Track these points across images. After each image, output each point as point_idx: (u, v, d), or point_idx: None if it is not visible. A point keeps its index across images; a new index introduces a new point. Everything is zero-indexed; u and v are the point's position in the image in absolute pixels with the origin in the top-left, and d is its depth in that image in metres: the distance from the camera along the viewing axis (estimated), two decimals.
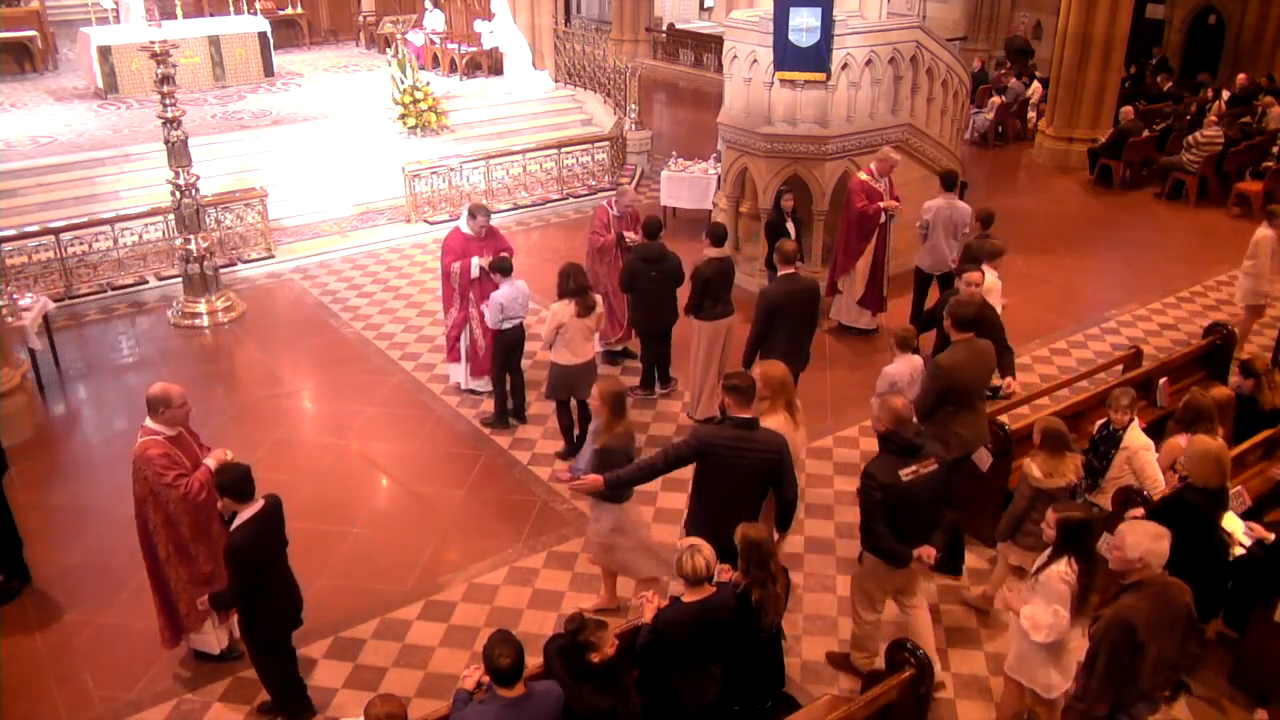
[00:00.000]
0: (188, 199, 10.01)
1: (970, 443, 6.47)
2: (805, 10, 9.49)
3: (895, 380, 6.79)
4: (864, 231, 9.49)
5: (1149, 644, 4.30)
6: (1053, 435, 5.74)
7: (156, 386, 5.47)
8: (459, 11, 17.65)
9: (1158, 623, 4.33)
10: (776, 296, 7.44)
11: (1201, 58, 19.58)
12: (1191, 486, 5.55)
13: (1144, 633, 4.27)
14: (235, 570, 5.01)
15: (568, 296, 7.42)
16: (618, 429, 5.62)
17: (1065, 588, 4.67)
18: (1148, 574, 4.36)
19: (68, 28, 19.37)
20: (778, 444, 5.35)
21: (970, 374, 6.39)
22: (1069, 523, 4.72)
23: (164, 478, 5.30)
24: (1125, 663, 4.32)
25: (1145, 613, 4.30)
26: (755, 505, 5.38)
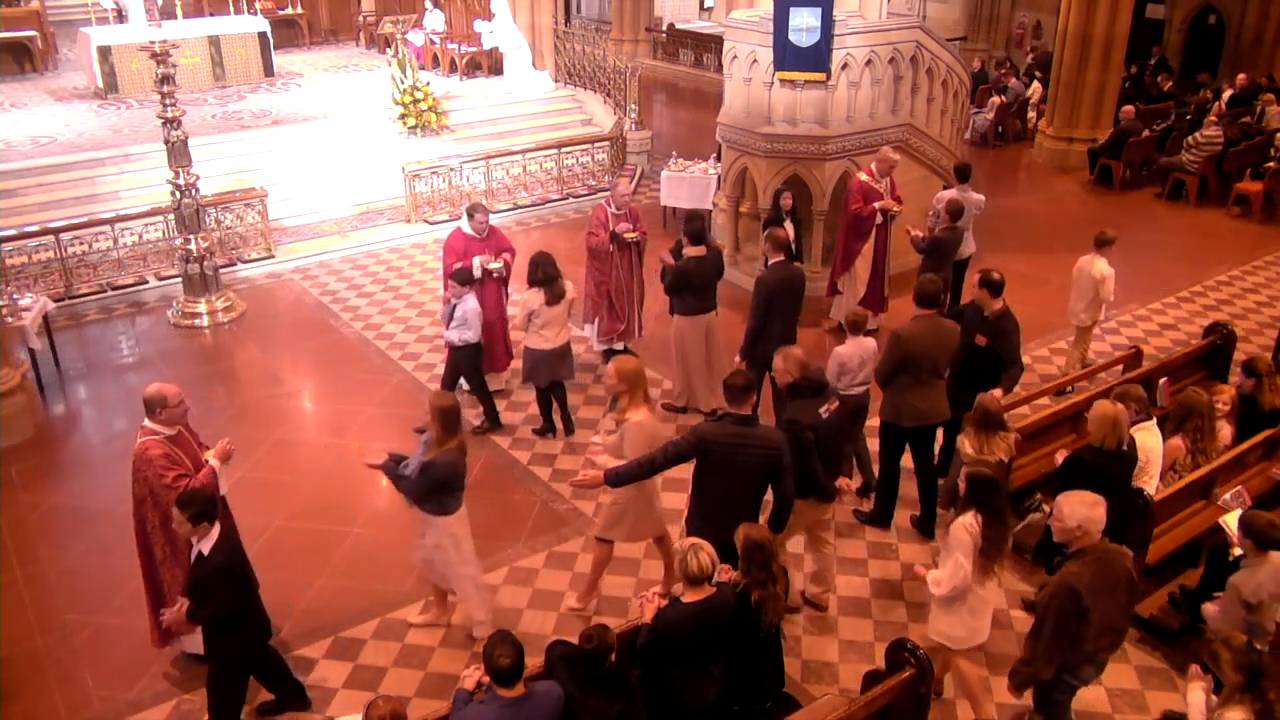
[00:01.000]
0: (188, 199, 10.01)
1: (925, 415, 6.76)
2: (805, 10, 9.49)
3: (844, 361, 7.08)
4: (860, 233, 9.51)
5: (1092, 608, 4.51)
6: (983, 415, 6.03)
7: (152, 387, 5.46)
8: (459, 11, 17.65)
9: (1100, 587, 4.54)
10: (774, 284, 7.60)
11: (1201, 58, 19.57)
12: (1090, 446, 5.69)
13: (1088, 598, 4.48)
14: (227, 586, 4.96)
15: (536, 285, 7.78)
16: (449, 445, 5.53)
17: (968, 538, 4.91)
18: (1088, 541, 4.59)
19: (68, 28, 19.37)
20: (777, 441, 5.38)
21: (926, 347, 6.65)
22: (976, 477, 5.01)
23: (164, 478, 5.29)
24: (1071, 627, 4.53)
25: (1088, 578, 4.52)
26: (754, 504, 5.39)
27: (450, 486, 5.66)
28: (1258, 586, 4.91)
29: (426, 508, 5.69)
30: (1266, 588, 4.93)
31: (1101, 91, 15.47)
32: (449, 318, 7.82)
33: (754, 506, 5.40)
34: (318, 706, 5.62)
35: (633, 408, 5.81)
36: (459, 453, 5.61)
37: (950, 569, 4.95)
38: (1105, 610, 4.59)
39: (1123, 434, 5.58)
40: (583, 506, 7.44)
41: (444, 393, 5.76)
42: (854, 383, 7.15)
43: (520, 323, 7.89)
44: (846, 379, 7.14)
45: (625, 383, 5.83)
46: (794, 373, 5.74)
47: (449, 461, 5.54)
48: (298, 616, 6.28)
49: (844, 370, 7.11)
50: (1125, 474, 5.72)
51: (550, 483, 7.70)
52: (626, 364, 5.91)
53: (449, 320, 7.81)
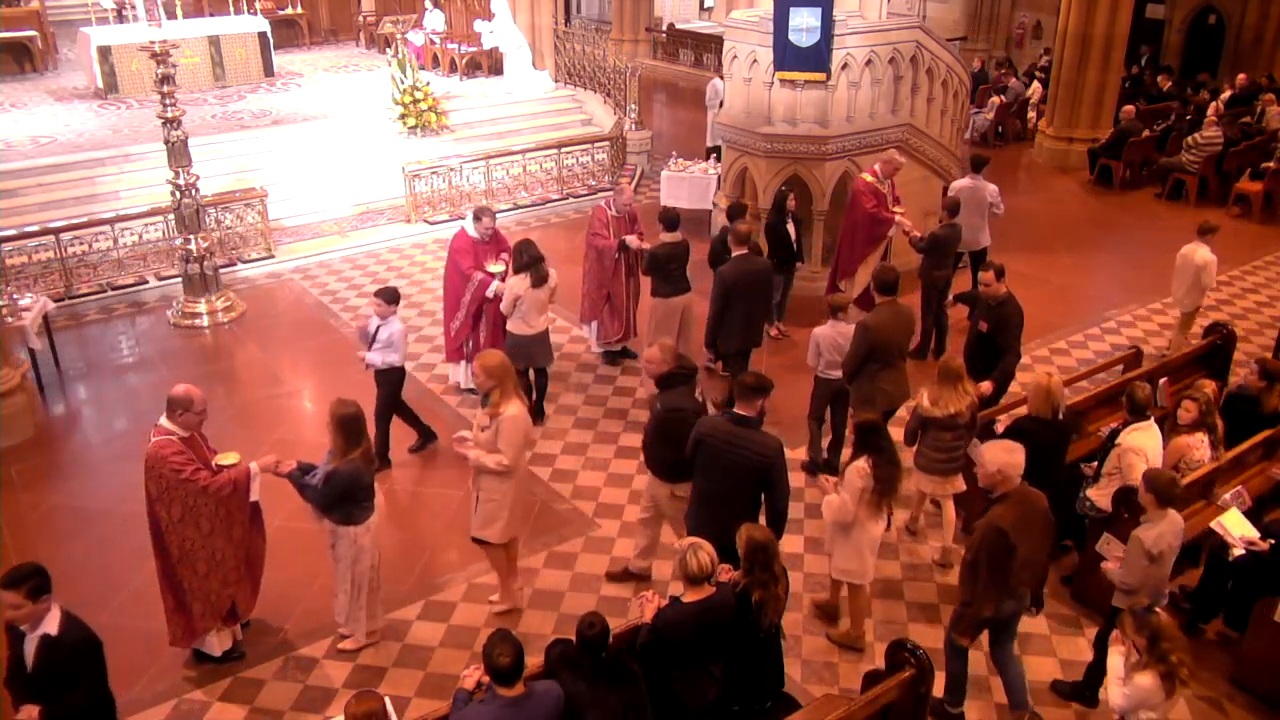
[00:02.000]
0: (188, 199, 10.01)
1: (894, 397, 7.08)
2: (805, 10, 9.50)
3: (819, 341, 7.36)
4: (873, 236, 9.41)
5: (1018, 545, 4.96)
6: (945, 369, 6.51)
7: (181, 388, 5.49)
8: (459, 11, 17.65)
9: (1022, 526, 4.99)
10: (732, 276, 7.79)
11: (1201, 58, 19.58)
12: (1028, 416, 6.07)
13: (1013, 535, 4.94)
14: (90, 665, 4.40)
15: (522, 270, 7.80)
16: (352, 455, 5.42)
17: (859, 481, 5.51)
18: (1008, 486, 5.07)
19: (68, 28, 19.37)
20: (772, 448, 5.37)
21: (891, 333, 7.01)
22: (864, 425, 5.59)
23: (181, 473, 5.34)
24: (1003, 565, 4.98)
25: (1011, 518, 4.98)
26: (749, 504, 5.41)
27: (355, 497, 5.53)
28: (1158, 538, 5.19)
29: (333, 517, 5.58)
30: (1166, 539, 5.22)
31: (1101, 91, 15.48)
32: (370, 339, 7.38)
33: (748, 508, 5.40)
34: (318, 707, 5.62)
35: (505, 402, 5.75)
36: (363, 462, 5.49)
37: (838, 504, 5.56)
38: (1028, 547, 5.05)
39: (1057, 403, 5.90)
40: (582, 507, 7.44)
41: (345, 400, 5.53)
42: (830, 365, 7.36)
43: (506, 308, 7.90)
44: (823, 361, 7.42)
45: (494, 378, 5.76)
46: (670, 363, 5.83)
47: (351, 471, 5.42)
48: (298, 617, 6.28)
49: (819, 352, 7.39)
50: (1060, 440, 6.09)
51: (550, 483, 7.70)
52: (491, 359, 5.86)
53: (371, 341, 7.39)
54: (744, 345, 8.08)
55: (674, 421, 5.76)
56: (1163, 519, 5.21)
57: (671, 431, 5.77)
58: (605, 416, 8.59)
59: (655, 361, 5.93)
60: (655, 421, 5.97)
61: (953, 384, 6.39)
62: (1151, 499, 5.20)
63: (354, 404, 5.52)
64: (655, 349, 5.98)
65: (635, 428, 8.36)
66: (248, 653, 5.97)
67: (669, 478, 6.00)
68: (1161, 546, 5.18)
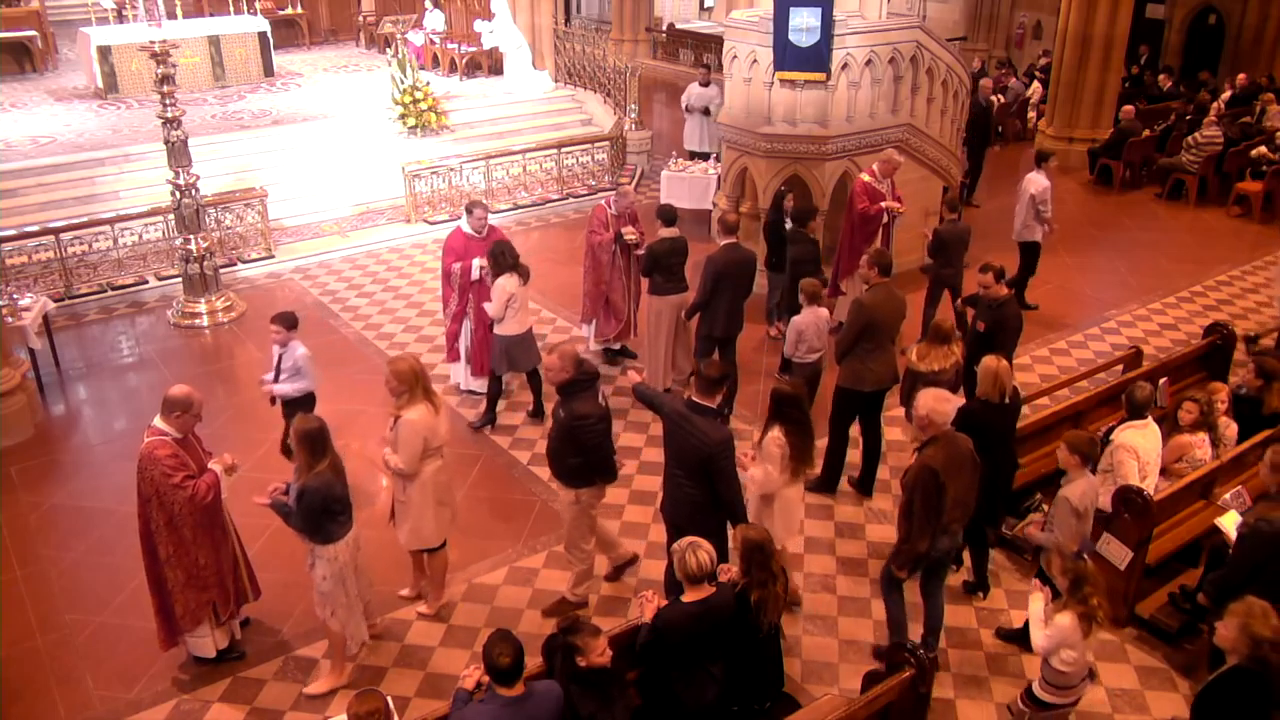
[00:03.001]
0: (188, 199, 10.01)
1: (882, 377, 7.18)
2: (805, 10, 9.49)
3: (802, 330, 7.53)
4: (868, 233, 9.48)
5: (948, 484, 5.32)
6: (937, 329, 6.94)
7: (180, 388, 5.48)
8: (459, 11, 17.65)
9: (951, 466, 5.37)
10: (721, 264, 7.99)
11: (1201, 58, 19.57)
12: (976, 399, 6.25)
13: (943, 475, 5.29)
14: None
15: (507, 271, 7.77)
16: (319, 468, 5.27)
17: (777, 450, 5.71)
18: (936, 430, 5.41)
19: (68, 28, 19.36)
20: (713, 439, 5.38)
21: (885, 314, 7.12)
22: (779, 394, 5.80)
23: (172, 478, 5.31)
24: (935, 502, 5.31)
25: (941, 459, 5.35)
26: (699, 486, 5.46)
27: (331, 510, 5.36)
28: (1083, 495, 5.51)
29: (315, 539, 5.42)
30: (1089, 495, 5.56)
31: (1101, 91, 15.48)
32: (276, 368, 7.10)
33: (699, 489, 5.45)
34: (318, 708, 5.62)
35: (409, 405, 5.74)
36: (332, 473, 5.34)
37: (761, 477, 5.76)
38: (956, 486, 5.42)
39: (1004, 386, 6.06)
40: None
41: (307, 416, 5.45)
42: (810, 350, 7.60)
43: (499, 311, 7.82)
44: (804, 347, 7.60)
45: (404, 383, 5.75)
46: (570, 370, 5.79)
47: (322, 484, 5.28)
48: (298, 617, 6.27)
49: (801, 339, 7.55)
50: (1008, 421, 6.29)
51: (550, 483, 7.69)
52: (401, 363, 5.82)
53: (276, 371, 7.11)
54: (727, 332, 8.23)
55: (578, 428, 5.75)
56: (1084, 477, 5.56)
57: (576, 438, 5.77)
58: None
59: (555, 369, 5.82)
60: (559, 428, 5.89)
61: (941, 344, 6.82)
62: (1075, 460, 5.51)
63: (316, 419, 5.41)
64: (555, 356, 5.85)
65: (635, 427, 8.37)
66: (247, 652, 5.97)
67: (573, 483, 5.97)
68: (1086, 503, 5.52)
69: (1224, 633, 4.24)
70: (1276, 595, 4.60)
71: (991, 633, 6.19)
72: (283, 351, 7.10)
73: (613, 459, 6.09)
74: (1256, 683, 4.09)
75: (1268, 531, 5.02)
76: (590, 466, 5.92)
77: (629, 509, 7.38)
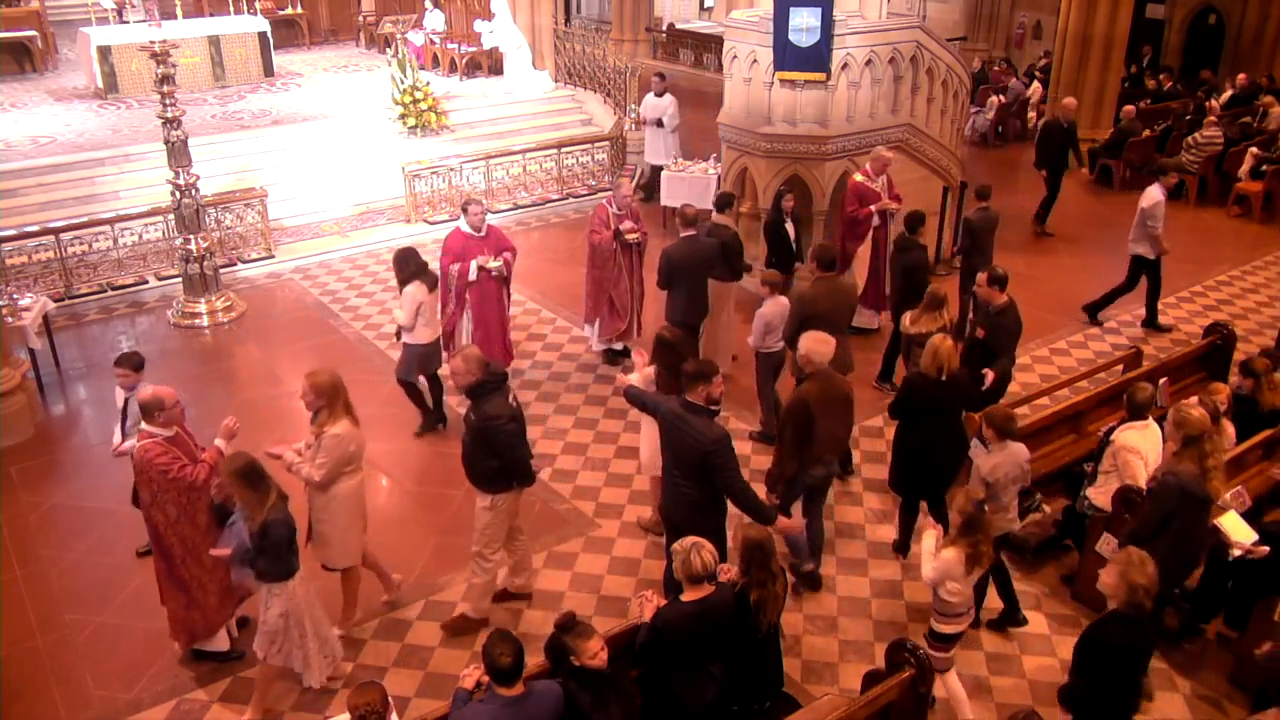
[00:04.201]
0: (188, 199, 10.01)
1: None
2: (805, 10, 9.49)
3: (769, 320, 7.69)
4: (856, 235, 9.53)
5: (818, 418, 5.95)
6: (931, 297, 7.44)
7: (147, 391, 5.49)
8: (459, 11, 17.65)
9: (824, 402, 6.01)
10: (677, 256, 8.25)
11: (1202, 58, 19.57)
12: (918, 372, 6.52)
13: (814, 408, 5.95)
14: None
15: (414, 279, 7.73)
16: (269, 500, 5.08)
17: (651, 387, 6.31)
18: (812, 368, 6.07)
19: (68, 28, 19.36)
20: (709, 438, 5.37)
21: (826, 306, 7.37)
22: (660, 340, 6.42)
23: (169, 471, 5.34)
24: (804, 432, 5.95)
25: (815, 395, 6.00)
26: (697, 484, 5.47)
27: (292, 542, 5.21)
28: (994, 467, 5.83)
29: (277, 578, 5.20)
30: (1003, 468, 5.84)
31: (1101, 92, 15.48)
32: (122, 416, 6.34)
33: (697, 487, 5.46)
34: (318, 707, 5.62)
35: (331, 421, 5.62)
36: (282, 501, 5.16)
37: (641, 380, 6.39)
38: (829, 421, 6.06)
39: (943, 364, 6.32)
40: (582, 507, 7.45)
41: (236, 454, 5.20)
42: (776, 340, 7.73)
43: (410, 320, 7.76)
44: (771, 337, 7.72)
45: (323, 396, 5.63)
46: (476, 373, 5.69)
47: (283, 515, 5.11)
48: None
49: (769, 329, 7.69)
50: (945, 397, 6.45)
51: (550, 483, 7.70)
52: (320, 377, 5.71)
53: (123, 420, 6.32)
54: (687, 318, 8.33)
55: (489, 430, 5.67)
56: (1002, 450, 5.86)
57: (487, 441, 5.69)
58: (605, 416, 8.59)
59: (460, 373, 5.71)
60: (471, 432, 5.80)
61: (932, 310, 7.34)
62: (991, 433, 5.86)
63: (245, 455, 5.18)
64: (458, 360, 5.75)
65: (635, 428, 8.34)
66: (246, 652, 5.97)
67: (488, 488, 5.88)
68: (998, 475, 5.82)
69: (1105, 579, 4.54)
70: (1186, 541, 5.31)
71: (991, 633, 6.19)
72: (129, 396, 6.27)
73: (528, 462, 5.92)
74: (1134, 626, 4.45)
75: (1174, 484, 5.39)
76: (505, 470, 5.80)
77: (629, 509, 7.38)
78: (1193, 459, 5.48)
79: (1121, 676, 4.53)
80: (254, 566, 5.21)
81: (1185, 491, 5.38)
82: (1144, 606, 4.41)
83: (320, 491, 5.71)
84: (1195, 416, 5.58)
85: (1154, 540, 5.20)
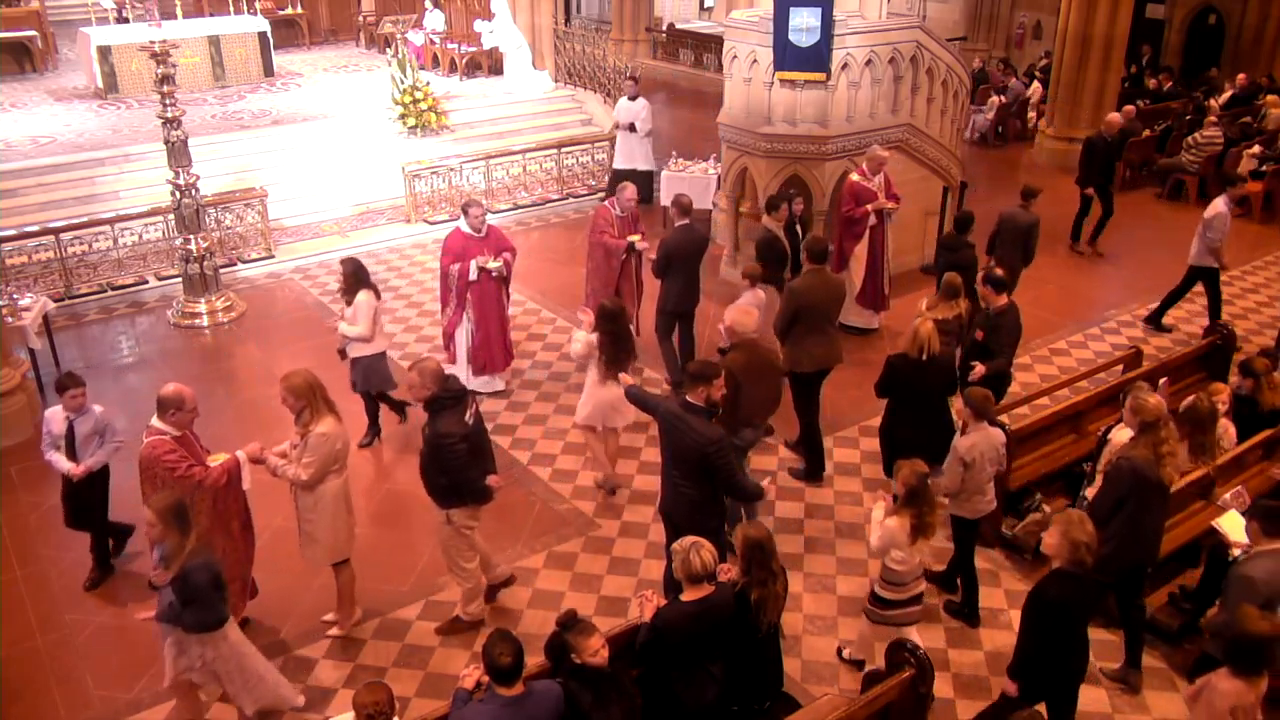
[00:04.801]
0: (188, 199, 10.01)
1: (820, 359, 7.53)
2: (805, 10, 9.48)
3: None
4: (853, 234, 9.55)
5: (745, 385, 6.27)
6: (948, 284, 7.71)
7: (170, 387, 5.49)
8: (459, 11, 17.65)
9: (750, 370, 6.37)
10: (674, 245, 8.43)
11: (1202, 58, 19.56)
12: (900, 354, 6.73)
13: (740, 375, 6.25)
14: None
15: (364, 288, 7.70)
16: (189, 543, 4.79)
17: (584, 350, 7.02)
18: (737, 339, 6.52)
19: (68, 28, 19.36)
20: (708, 437, 5.38)
21: (817, 298, 7.49)
22: (603, 309, 6.97)
23: (176, 470, 5.34)
24: (734, 398, 6.14)
25: (741, 363, 6.38)
26: (698, 483, 5.48)
27: (219, 583, 4.90)
28: (971, 447, 5.95)
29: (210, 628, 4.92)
30: (979, 448, 5.95)
31: (1101, 91, 15.46)
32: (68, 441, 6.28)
33: (698, 487, 5.48)
34: (317, 707, 5.62)
35: (316, 420, 5.59)
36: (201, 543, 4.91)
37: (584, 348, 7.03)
38: (756, 387, 6.41)
39: (923, 346, 6.54)
40: (583, 507, 7.45)
41: (160, 495, 4.95)
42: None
43: (370, 330, 7.64)
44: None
45: (301, 398, 5.60)
46: (431, 386, 5.62)
47: (205, 559, 4.82)
48: (297, 616, 6.28)
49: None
50: (925, 378, 6.66)
51: (550, 483, 7.70)
52: (295, 379, 5.64)
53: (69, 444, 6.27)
54: (679, 306, 8.60)
55: (440, 448, 5.60)
56: (978, 432, 5.99)
57: (440, 457, 5.63)
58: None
59: (416, 386, 5.63)
60: (426, 446, 5.73)
61: (948, 298, 7.59)
62: (970, 413, 5.99)
63: (172, 494, 4.98)
64: (414, 373, 5.65)
65: (635, 428, 8.34)
66: None
67: (443, 502, 5.83)
68: (974, 455, 5.94)
69: (1048, 540, 4.79)
70: (1139, 522, 5.50)
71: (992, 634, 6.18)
72: (74, 418, 6.26)
73: (477, 483, 5.78)
74: (1076, 582, 4.69)
75: (1126, 468, 5.55)
76: (455, 488, 5.74)
77: (629, 509, 7.38)
78: (1148, 445, 5.58)
79: (1066, 633, 4.74)
80: (181, 621, 4.82)
81: (1138, 475, 5.49)
82: (1085, 563, 4.64)
83: (308, 491, 5.70)
84: (1151, 403, 5.68)
85: (1109, 522, 5.44)
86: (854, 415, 8.43)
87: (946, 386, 6.83)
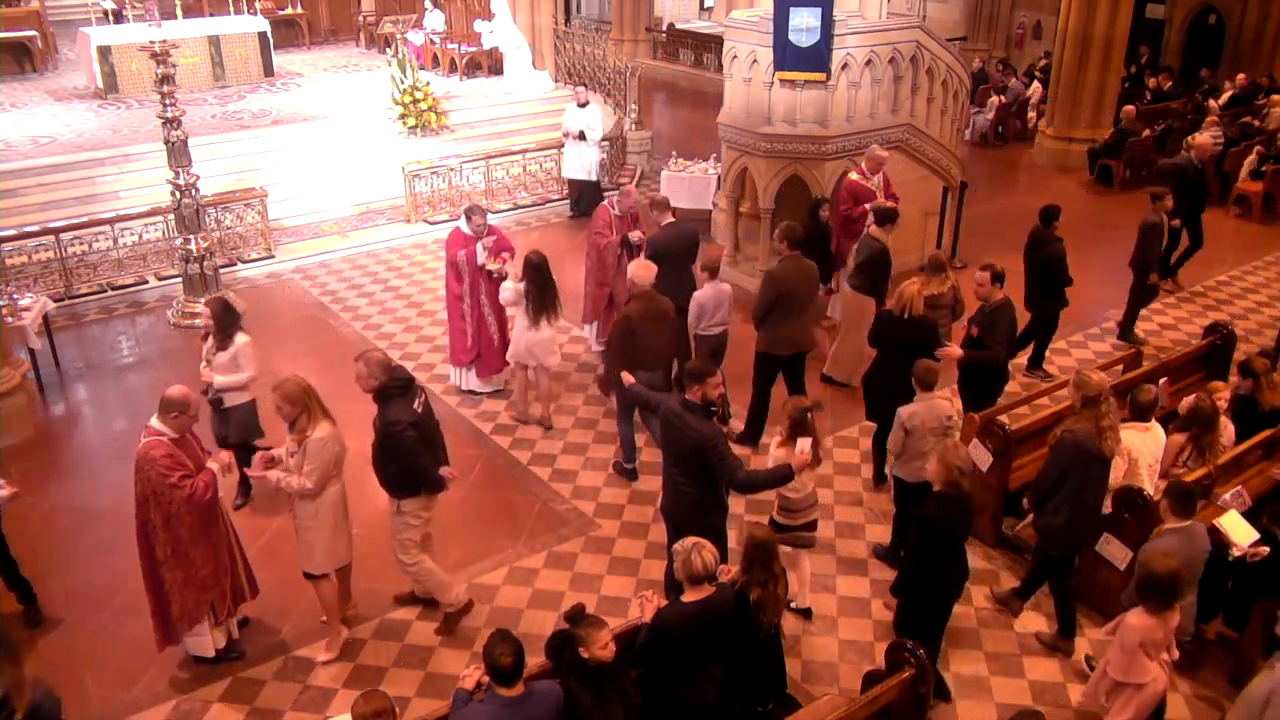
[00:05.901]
0: (188, 199, 10.00)
1: (797, 342, 7.84)
2: (805, 10, 9.49)
3: (704, 304, 7.97)
4: (851, 233, 9.55)
5: (638, 332, 6.93)
6: (933, 261, 7.97)
7: (176, 389, 5.46)
8: (459, 11, 17.64)
9: (646, 319, 7.01)
10: (661, 242, 8.50)
11: (1202, 58, 19.56)
12: (884, 310, 7.30)
13: (636, 323, 6.95)
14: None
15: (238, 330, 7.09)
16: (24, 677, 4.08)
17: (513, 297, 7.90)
18: (636, 290, 7.14)
19: (68, 28, 19.35)
20: (705, 433, 5.43)
21: (795, 283, 7.72)
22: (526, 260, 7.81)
23: (169, 478, 5.31)
24: (629, 341, 6.91)
25: (639, 312, 7.02)
26: (696, 479, 5.51)
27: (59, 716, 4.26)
28: (912, 415, 6.32)
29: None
30: (920, 416, 6.30)
31: (1101, 91, 15.47)
32: None
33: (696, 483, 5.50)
34: (318, 707, 5.62)
35: (312, 425, 5.55)
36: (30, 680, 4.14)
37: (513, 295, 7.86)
38: (651, 335, 7.02)
39: (905, 305, 7.03)
40: (583, 506, 7.45)
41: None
42: (712, 323, 7.99)
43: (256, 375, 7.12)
44: (705, 320, 7.98)
45: (296, 404, 5.55)
46: (379, 376, 5.63)
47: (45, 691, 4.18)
48: (297, 616, 6.28)
49: (703, 312, 7.95)
50: (903, 335, 7.07)
51: (550, 483, 7.70)
52: (288, 386, 5.56)
53: None
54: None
55: (389, 436, 5.60)
56: (922, 401, 6.35)
57: (390, 445, 5.63)
58: (605, 416, 8.58)
59: (363, 377, 5.64)
60: (376, 435, 5.71)
61: (937, 273, 7.78)
62: (914, 382, 6.37)
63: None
64: (361, 364, 5.66)
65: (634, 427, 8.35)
66: (246, 652, 5.98)
67: (395, 492, 5.83)
68: (915, 422, 6.29)
69: (929, 467, 5.35)
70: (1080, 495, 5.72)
71: (991, 634, 6.19)
72: None
73: (430, 471, 5.77)
74: (953, 503, 5.20)
75: (1070, 441, 5.75)
76: (408, 476, 5.73)
77: (629, 509, 7.39)
78: (1089, 419, 5.74)
79: (945, 549, 5.22)
80: None
81: (1080, 448, 5.69)
82: (960, 485, 5.16)
83: (309, 500, 5.66)
84: (1094, 380, 5.85)
85: (1054, 493, 5.79)
86: (854, 415, 8.43)
87: (920, 347, 6.94)
